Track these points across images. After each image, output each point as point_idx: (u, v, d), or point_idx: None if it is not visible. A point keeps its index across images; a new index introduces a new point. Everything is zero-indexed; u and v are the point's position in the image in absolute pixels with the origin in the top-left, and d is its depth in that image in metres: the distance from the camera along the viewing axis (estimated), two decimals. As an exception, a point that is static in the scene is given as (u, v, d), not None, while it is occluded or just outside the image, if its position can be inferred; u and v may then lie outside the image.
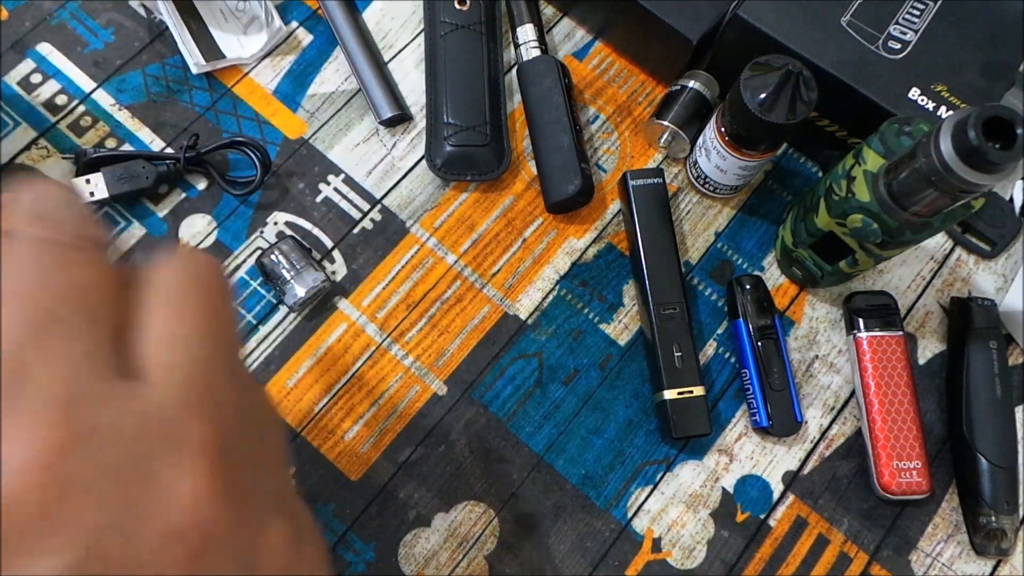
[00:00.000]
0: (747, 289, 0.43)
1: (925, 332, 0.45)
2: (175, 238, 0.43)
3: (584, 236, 0.45)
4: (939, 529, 0.42)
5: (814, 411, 0.43)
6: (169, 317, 0.18)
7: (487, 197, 0.45)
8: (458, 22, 0.46)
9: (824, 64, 0.40)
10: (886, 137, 0.36)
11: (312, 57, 0.47)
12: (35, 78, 0.45)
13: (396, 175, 0.45)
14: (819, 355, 0.44)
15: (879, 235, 0.36)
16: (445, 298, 0.43)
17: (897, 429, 0.41)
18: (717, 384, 0.43)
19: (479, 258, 0.44)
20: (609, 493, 0.41)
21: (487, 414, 0.42)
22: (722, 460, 0.42)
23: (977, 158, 0.30)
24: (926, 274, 0.46)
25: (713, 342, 0.44)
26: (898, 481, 0.40)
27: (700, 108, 0.45)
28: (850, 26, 0.41)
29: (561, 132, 0.44)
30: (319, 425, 0.40)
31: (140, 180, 0.42)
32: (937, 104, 0.40)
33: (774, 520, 0.41)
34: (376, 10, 0.48)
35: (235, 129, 0.45)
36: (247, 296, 0.42)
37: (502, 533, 0.40)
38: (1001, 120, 0.30)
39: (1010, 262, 0.47)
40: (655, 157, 0.47)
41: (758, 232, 0.46)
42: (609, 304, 0.44)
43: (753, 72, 0.38)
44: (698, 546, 0.40)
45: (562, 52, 0.49)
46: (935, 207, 0.34)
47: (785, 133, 0.39)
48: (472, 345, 0.43)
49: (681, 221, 0.46)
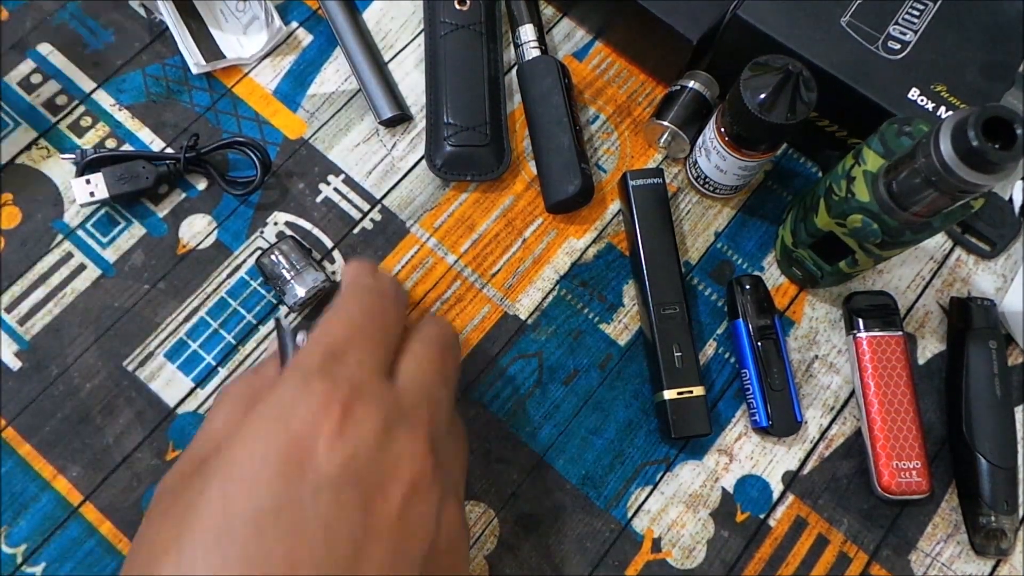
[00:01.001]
0: (747, 289, 0.43)
1: (925, 332, 0.45)
2: (175, 238, 0.43)
3: (584, 236, 0.45)
4: (939, 529, 0.42)
5: (814, 411, 0.43)
6: (419, 351, 0.30)
7: (487, 197, 0.45)
8: (458, 22, 0.46)
9: (824, 64, 0.40)
10: (886, 137, 0.36)
11: (312, 57, 0.47)
12: (35, 78, 0.45)
13: (396, 175, 0.45)
14: (819, 355, 0.44)
15: (879, 235, 0.36)
16: (445, 298, 0.43)
17: (897, 429, 0.41)
18: (717, 384, 0.43)
19: (479, 258, 0.44)
20: (609, 493, 0.41)
21: (487, 414, 0.42)
22: (722, 460, 0.42)
23: (977, 158, 0.30)
24: (926, 274, 0.46)
25: (713, 342, 0.44)
26: (898, 481, 0.40)
27: (700, 108, 0.45)
28: (850, 26, 0.41)
29: (561, 132, 0.44)
30: (319, 425, 0.40)
31: (140, 180, 0.42)
32: (937, 104, 0.40)
33: (774, 520, 0.41)
34: (376, 10, 0.48)
35: (235, 129, 0.45)
36: (247, 296, 0.42)
37: (502, 533, 0.40)
38: (1001, 120, 0.30)
39: (1010, 262, 0.47)
40: (655, 157, 0.47)
41: (758, 232, 0.46)
42: (609, 304, 0.44)
43: (753, 72, 0.38)
44: (698, 546, 0.40)
45: (562, 52, 0.49)
46: (935, 207, 0.34)
47: (785, 133, 0.39)
48: (472, 345, 0.43)
49: (681, 221, 0.46)
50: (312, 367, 0.27)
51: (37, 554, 0.38)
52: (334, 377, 0.26)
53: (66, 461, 0.39)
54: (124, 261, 0.42)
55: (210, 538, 0.23)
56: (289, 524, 0.23)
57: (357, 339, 0.28)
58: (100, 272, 0.42)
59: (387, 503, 0.25)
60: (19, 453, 0.39)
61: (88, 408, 0.40)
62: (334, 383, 0.26)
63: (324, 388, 0.26)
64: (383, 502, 0.25)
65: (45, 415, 0.39)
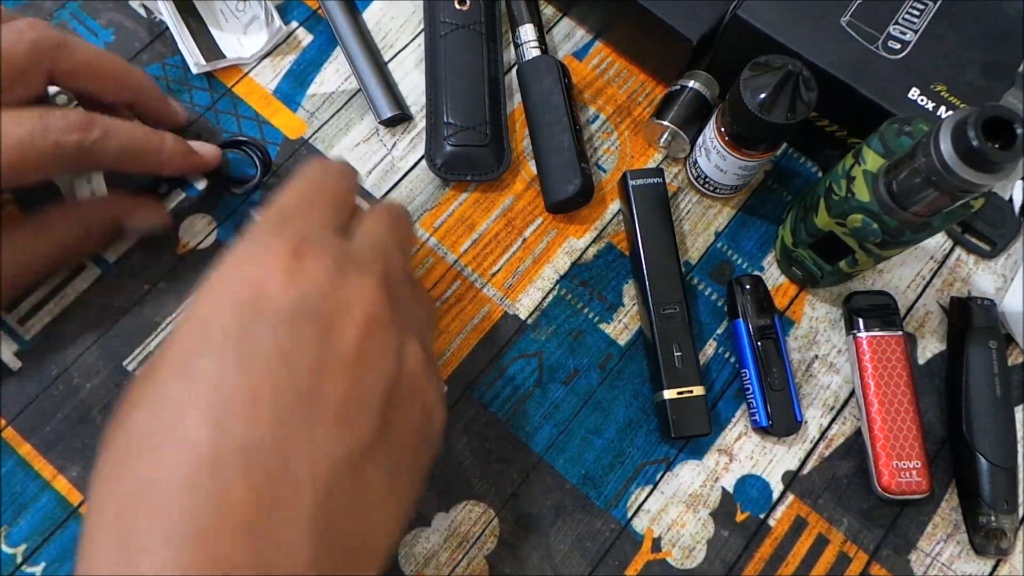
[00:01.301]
0: (747, 289, 0.43)
1: (925, 332, 0.45)
2: (175, 238, 0.43)
3: (584, 236, 0.45)
4: (939, 529, 0.42)
5: (814, 411, 0.43)
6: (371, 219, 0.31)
7: (487, 197, 0.45)
8: (458, 22, 0.46)
9: (824, 64, 0.40)
10: (886, 137, 0.36)
11: (312, 57, 0.47)
12: (35, 78, 0.45)
13: (396, 175, 0.45)
14: (819, 355, 0.44)
15: (879, 235, 0.36)
16: (445, 298, 0.43)
17: (897, 429, 0.41)
18: (717, 384, 0.43)
19: (479, 258, 0.44)
20: (609, 493, 0.41)
21: (487, 414, 0.42)
22: (722, 460, 0.42)
23: (977, 158, 0.30)
24: (926, 274, 0.46)
25: (713, 342, 0.44)
26: (898, 481, 0.40)
27: (700, 108, 0.45)
28: (850, 26, 0.41)
29: (561, 132, 0.44)
30: (319, 425, 0.40)
31: (140, 180, 0.42)
32: (937, 104, 0.40)
33: (774, 520, 0.41)
34: (376, 10, 0.48)
35: (235, 129, 0.45)
36: (247, 296, 0.42)
37: (502, 533, 0.40)
38: (1001, 120, 0.30)
39: (1010, 262, 0.47)
40: (655, 157, 0.47)
41: (758, 232, 0.46)
42: (609, 304, 0.44)
43: (753, 72, 0.38)
44: (698, 546, 0.40)
45: (562, 52, 0.49)
46: (935, 207, 0.34)
47: (785, 133, 0.39)
48: (472, 345, 0.43)
49: (681, 221, 0.46)
50: (263, 229, 0.28)
51: (37, 554, 0.38)
52: (283, 233, 0.27)
53: (66, 461, 0.39)
54: (124, 260, 0.42)
55: (170, 373, 0.24)
56: (246, 355, 0.24)
57: (306, 204, 0.30)
58: (100, 272, 0.42)
59: (343, 337, 0.25)
60: (19, 453, 0.39)
61: (88, 408, 0.40)
62: (283, 237, 0.27)
63: (275, 241, 0.27)
64: (339, 336, 0.25)
65: (45, 415, 0.39)
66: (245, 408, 0.23)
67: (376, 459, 0.25)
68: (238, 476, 0.22)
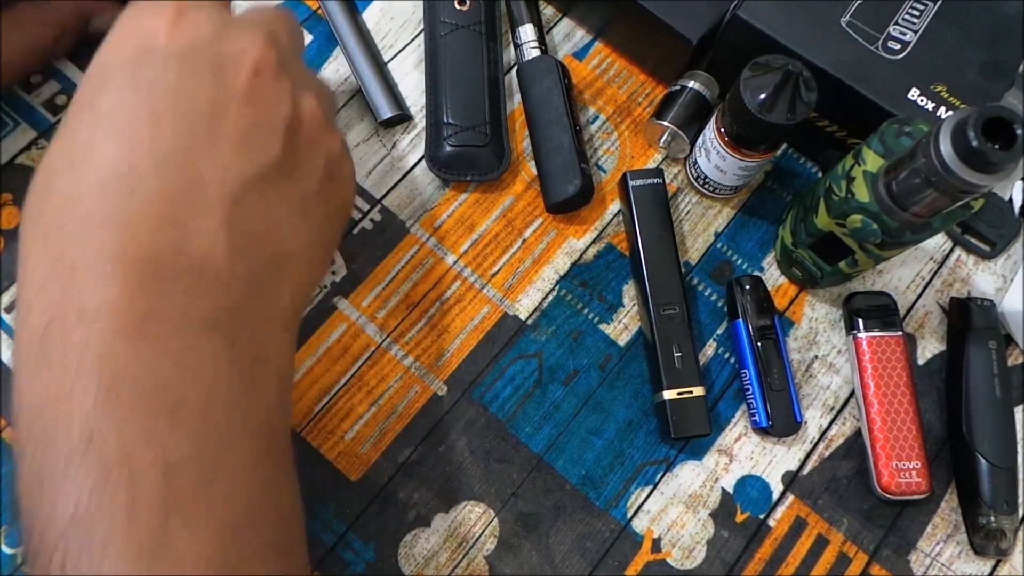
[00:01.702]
0: (747, 289, 0.43)
1: (925, 332, 0.45)
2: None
3: (584, 236, 0.45)
4: (938, 529, 0.42)
5: (814, 411, 0.43)
6: (258, 12, 0.32)
7: (487, 197, 0.45)
8: (458, 22, 0.46)
9: (824, 64, 0.40)
10: (886, 137, 0.36)
11: (312, 57, 0.47)
12: (35, 78, 0.45)
13: (396, 175, 0.45)
14: (819, 355, 0.44)
15: (879, 235, 0.36)
16: (445, 298, 0.43)
17: (896, 429, 0.41)
18: (717, 384, 0.43)
19: (479, 258, 0.44)
20: (609, 493, 0.41)
21: (487, 414, 0.42)
22: (722, 460, 0.42)
23: (977, 158, 0.30)
24: (926, 274, 0.46)
25: (713, 342, 0.44)
26: (897, 481, 0.40)
27: (700, 108, 0.45)
28: (850, 26, 0.41)
29: (561, 132, 0.44)
30: (319, 425, 0.40)
31: None
32: (937, 104, 0.40)
33: (774, 520, 0.41)
34: (376, 10, 0.48)
35: (235, 129, 0.45)
36: (247, 296, 0.42)
37: (502, 533, 0.40)
38: (1001, 120, 0.30)
39: (1010, 262, 0.47)
40: (655, 157, 0.47)
41: (758, 232, 0.46)
42: (609, 304, 0.44)
43: (753, 72, 0.38)
44: (698, 546, 0.40)
45: (562, 52, 0.49)
46: (935, 207, 0.34)
47: (785, 133, 0.39)
48: (472, 345, 0.43)
49: (681, 221, 0.46)
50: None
51: (37, 554, 0.38)
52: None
53: (66, 461, 0.39)
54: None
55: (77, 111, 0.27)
56: (145, 86, 0.26)
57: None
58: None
59: (236, 77, 0.28)
60: (19, 453, 0.39)
61: (88, 408, 0.40)
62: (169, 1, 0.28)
63: (161, 2, 0.28)
64: (232, 75, 0.27)
65: (45, 415, 0.39)
66: (150, 128, 0.25)
67: (283, 186, 0.28)
68: (154, 179, 0.25)
